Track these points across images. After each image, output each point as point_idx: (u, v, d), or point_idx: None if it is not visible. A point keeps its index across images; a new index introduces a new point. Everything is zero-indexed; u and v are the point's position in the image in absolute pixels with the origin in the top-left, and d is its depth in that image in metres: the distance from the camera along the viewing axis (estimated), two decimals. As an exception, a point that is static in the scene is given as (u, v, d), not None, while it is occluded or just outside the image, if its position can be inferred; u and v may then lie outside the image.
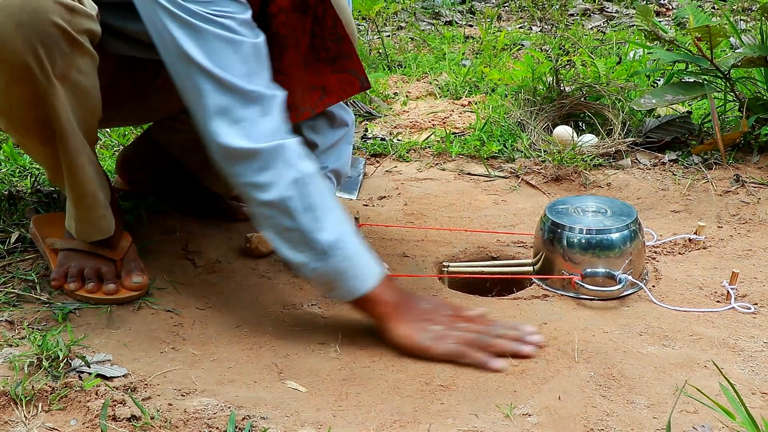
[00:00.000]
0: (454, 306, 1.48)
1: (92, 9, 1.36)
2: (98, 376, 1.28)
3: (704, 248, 1.80)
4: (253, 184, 1.35)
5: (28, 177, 2.01)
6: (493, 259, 1.81)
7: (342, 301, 1.43)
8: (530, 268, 1.70)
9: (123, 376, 1.30)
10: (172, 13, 1.32)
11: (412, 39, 3.59)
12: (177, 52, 1.34)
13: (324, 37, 1.56)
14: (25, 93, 1.32)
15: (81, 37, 1.33)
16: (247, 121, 1.34)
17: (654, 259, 1.76)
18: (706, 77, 2.33)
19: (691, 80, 2.38)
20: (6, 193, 1.91)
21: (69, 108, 1.37)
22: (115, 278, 1.54)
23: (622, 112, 2.39)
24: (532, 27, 3.82)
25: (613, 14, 4.04)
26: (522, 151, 2.31)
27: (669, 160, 2.24)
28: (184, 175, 1.87)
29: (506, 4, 4.28)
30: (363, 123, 2.60)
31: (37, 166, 2.05)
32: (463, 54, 3.28)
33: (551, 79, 2.54)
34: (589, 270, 1.59)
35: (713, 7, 4.00)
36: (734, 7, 3.87)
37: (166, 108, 1.77)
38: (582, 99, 2.49)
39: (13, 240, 1.68)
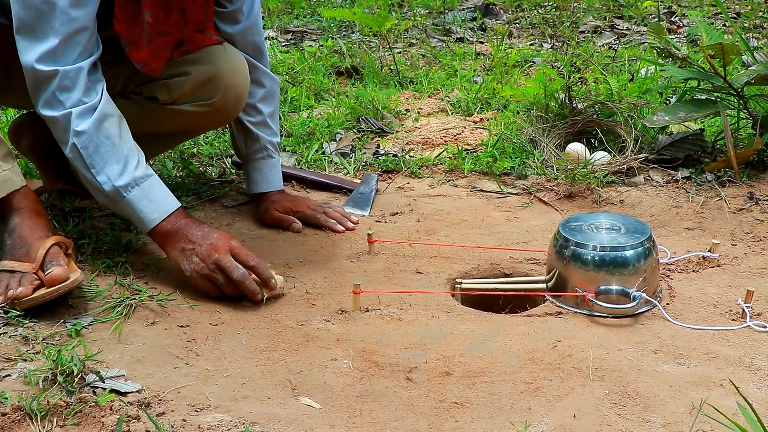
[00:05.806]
0: (221, 236, 1.65)
1: None
2: (112, 391, 1.28)
3: (718, 266, 1.79)
4: (60, 140, 1.58)
5: None
6: (506, 275, 1.81)
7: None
8: (543, 285, 1.70)
9: (137, 391, 1.30)
10: None
11: (423, 56, 3.60)
12: None
13: (197, 4, 1.77)
14: None
15: None
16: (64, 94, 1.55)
17: (668, 276, 1.75)
18: (719, 95, 2.33)
19: (704, 97, 2.38)
20: None
21: None
22: (30, 284, 1.50)
23: (635, 129, 2.39)
24: (543, 44, 3.83)
25: (624, 31, 4.04)
26: (534, 168, 2.31)
27: (682, 178, 2.24)
28: None
29: (517, 21, 4.29)
30: (375, 139, 2.61)
31: None
32: (474, 71, 3.29)
33: (564, 96, 2.54)
34: (602, 287, 1.59)
35: (725, 24, 4.00)
36: (746, 25, 3.88)
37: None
38: (594, 116, 2.49)
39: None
